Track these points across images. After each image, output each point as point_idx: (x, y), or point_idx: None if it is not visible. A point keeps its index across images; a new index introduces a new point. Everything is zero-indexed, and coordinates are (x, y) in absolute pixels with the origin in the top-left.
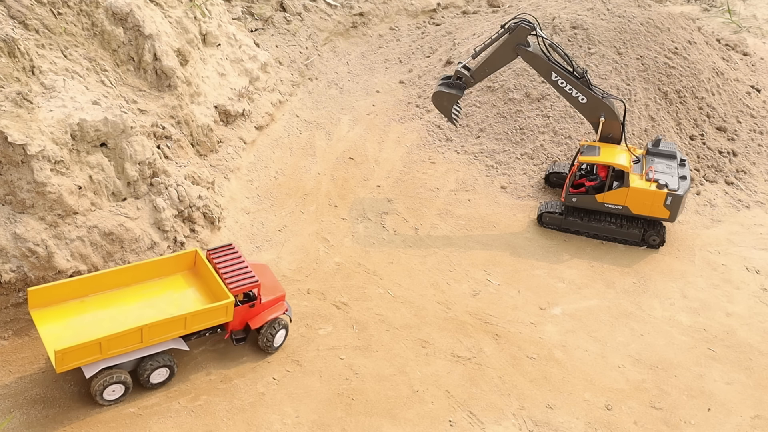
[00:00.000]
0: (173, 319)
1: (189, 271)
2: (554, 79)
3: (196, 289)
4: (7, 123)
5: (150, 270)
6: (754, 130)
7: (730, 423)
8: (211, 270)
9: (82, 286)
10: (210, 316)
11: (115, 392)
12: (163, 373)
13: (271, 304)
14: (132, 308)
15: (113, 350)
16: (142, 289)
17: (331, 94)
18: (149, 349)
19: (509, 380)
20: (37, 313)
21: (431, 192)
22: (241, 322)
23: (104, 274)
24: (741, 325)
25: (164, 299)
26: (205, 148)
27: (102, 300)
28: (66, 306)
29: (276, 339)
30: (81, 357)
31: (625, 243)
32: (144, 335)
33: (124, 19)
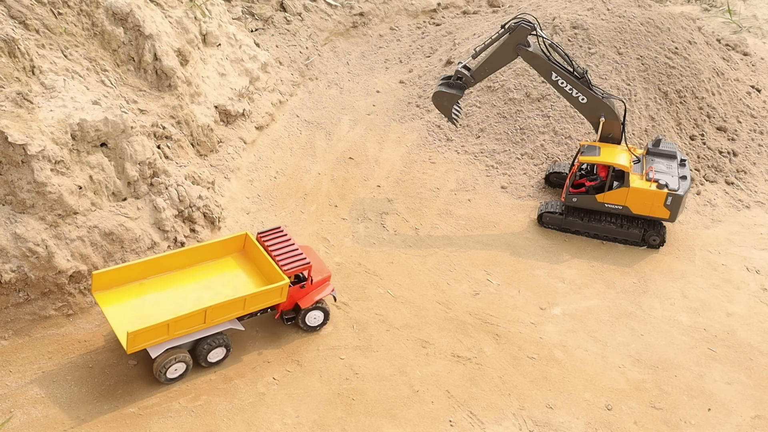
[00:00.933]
0: (234, 300)
1: (239, 253)
2: (554, 79)
3: (247, 271)
4: (7, 123)
5: (204, 253)
6: (754, 130)
7: (730, 423)
8: (261, 251)
9: (142, 269)
10: (266, 297)
11: (177, 371)
12: (220, 352)
13: (319, 284)
14: (189, 290)
15: (179, 331)
16: (196, 271)
17: (331, 94)
18: (209, 329)
19: (509, 380)
20: (100, 295)
21: (431, 192)
22: (292, 302)
23: (162, 257)
24: (741, 325)
25: (218, 280)
26: (206, 148)
27: (160, 282)
28: (127, 288)
29: (312, 319)
30: (150, 338)
31: (626, 243)
32: (207, 316)
33: (125, 19)
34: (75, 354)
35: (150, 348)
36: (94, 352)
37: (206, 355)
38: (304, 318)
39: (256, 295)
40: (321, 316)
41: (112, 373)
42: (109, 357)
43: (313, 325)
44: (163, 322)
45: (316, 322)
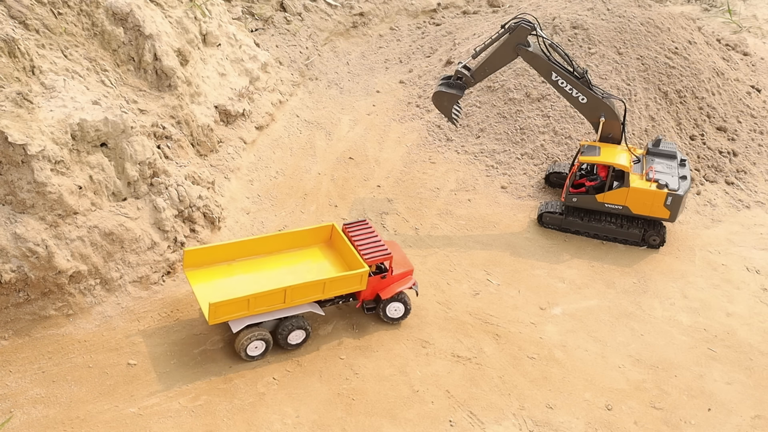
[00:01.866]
0: (313, 283)
1: (325, 244)
2: (554, 79)
3: (332, 260)
4: (7, 123)
5: (291, 240)
6: (754, 130)
7: (730, 423)
8: (346, 242)
9: (231, 251)
10: (346, 283)
11: (257, 349)
12: (300, 335)
13: (401, 277)
14: (274, 273)
15: (259, 308)
16: (283, 257)
17: (331, 94)
18: (289, 310)
19: (509, 380)
20: (190, 272)
21: (431, 192)
22: (372, 292)
23: (251, 240)
24: (741, 325)
25: (303, 267)
26: (206, 148)
27: (247, 265)
28: (216, 268)
29: (393, 311)
30: (230, 312)
31: (626, 243)
32: (287, 296)
33: (125, 19)
34: (75, 354)
35: (231, 323)
36: (94, 352)
37: (286, 336)
38: (384, 309)
39: (336, 279)
40: (402, 309)
41: (112, 373)
42: (109, 357)
43: (394, 317)
44: (244, 297)
45: (396, 314)
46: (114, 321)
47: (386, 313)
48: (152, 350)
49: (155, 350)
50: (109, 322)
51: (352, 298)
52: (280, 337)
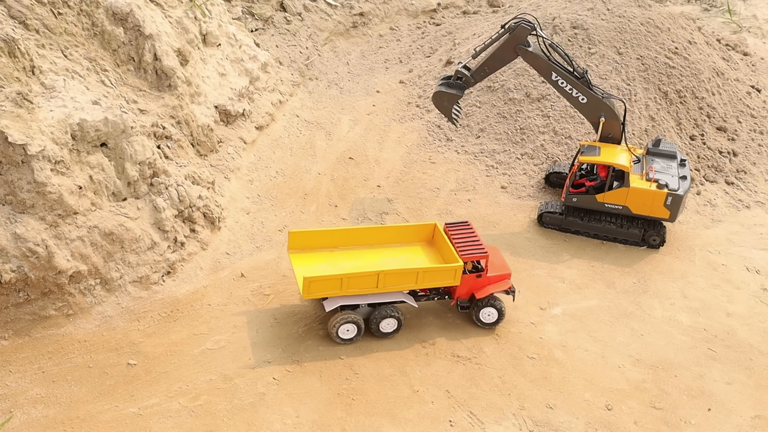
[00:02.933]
0: (406, 270)
1: (426, 242)
2: (554, 79)
3: (431, 257)
4: (7, 123)
5: (394, 234)
6: (754, 130)
7: (730, 423)
8: (446, 241)
9: (334, 238)
10: (439, 276)
11: (349, 332)
12: (392, 324)
13: (497, 279)
14: (373, 264)
15: (352, 289)
16: (384, 250)
17: (331, 94)
18: (382, 296)
19: (509, 380)
20: (293, 254)
21: (431, 192)
22: (468, 291)
23: (355, 229)
24: (741, 325)
25: (401, 261)
26: (206, 148)
27: (348, 253)
28: (318, 253)
29: (486, 315)
30: (324, 289)
31: (626, 243)
32: (380, 281)
33: (125, 19)
34: (75, 354)
35: (325, 302)
36: (94, 352)
37: (378, 322)
38: (478, 312)
39: (430, 270)
40: (495, 315)
41: (112, 373)
42: (109, 357)
43: (486, 322)
44: (337, 276)
45: (489, 318)
46: (114, 321)
47: (479, 317)
48: (152, 350)
49: (155, 350)
50: (109, 322)
51: (448, 296)
52: (372, 323)
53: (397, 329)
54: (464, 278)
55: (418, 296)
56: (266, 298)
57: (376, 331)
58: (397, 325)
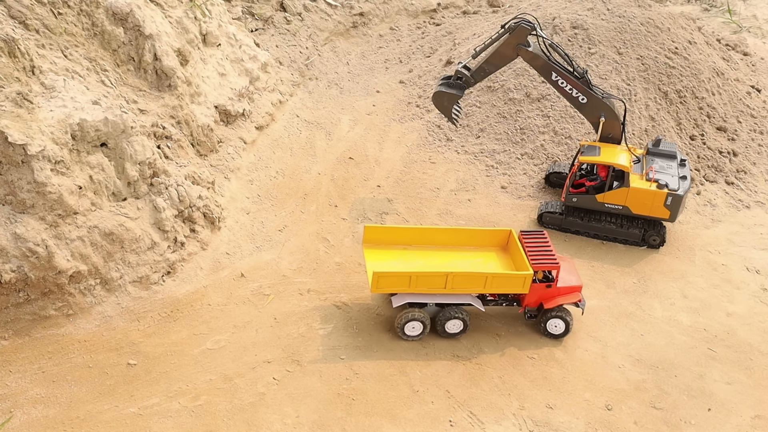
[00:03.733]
0: (475, 274)
1: (500, 248)
2: (554, 79)
3: (502, 263)
4: (7, 123)
5: (469, 237)
6: (754, 130)
7: (730, 423)
8: (519, 248)
9: (408, 235)
10: (509, 282)
11: (414, 329)
12: (458, 325)
13: (567, 291)
14: (444, 264)
15: (420, 288)
16: (457, 252)
17: (331, 94)
18: (450, 298)
19: (509, 380)
20: (367, 248)
21: (431, 192)
22: (536, 300)
23: (429, 229)
24: (741, 325)
25: (473, 264)
26: (206, 148)
27: (421, 252)
28: (391, 249)
29: (552, 326)
30: (392, 285)
31: (626, 243)
32: (448, 282)
33: (125, 19)
34: (75, 354)
35: (393, 298)
36: (94, 352)
37: (444, 323)
38: (545, 322)
39: (499, 276)
40: (562, 326)
41: (112, 373)
42: (109, 357)
43: (552, 333)
44: (406, 273)
45: (556, 330)
46: (114, 321)
47: (546, 328)
48: (152, 350)
49: (155, 350)
50: (109, 322)
51: (516, 303)
52: (438, 323)
53: (462, 331)
54: (534, 287)
55: (487, 300)
56: (266, 298)
57: (442, 331)
58: (462, 327)
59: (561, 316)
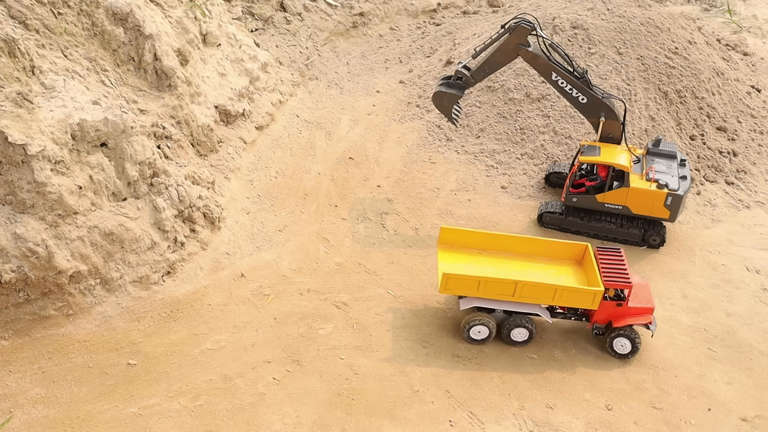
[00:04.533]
0: (545, 285)
1: (576, 262)
2: (554, 79)
3: (576, 278)
4: (7, 123)
5: (544, 248)
6: (754, 130)
7: (730, 423)
8: (593, 264)
9: (484, 240)
10: (578, 297)
11: (480, 333)
12: (524, 334)
13: (638, 312)
14: (516, 273)
15: (488, 293)
16: (531, 262)
17: (331, 94)
18: (518, 306)
19: (509, 380)
20: (441, 249)
21: (431, 192)
22: (606, 318)
23: (505, 236)
24: (741, 325)
25: (545, 275)
26: (206, 148)
27: (495, 258)
28: (465, 253)
29: (619, 345)
30: (460, 288)
31: (626, 243)
32: (516, 290)
33: (125, 19)
34: (75, 354)
35: (461, 301)
36: (94, 352)
37: (510, 330)
38: (612, 340)
39: (569, 290)
40: (628, 346)
41: (112, 373)
42: (109, 357)
43: (618, 352)
44: (475, 277)
45: (622, 349)
46: (114, 321)
47: (612, 346)
48: (152, 350)
49: (155, 350)
50: (109, 322)
51: (585, 318)
52: (504, 329)
53: (528, 340)
54: (604, 304)
55: (556, 312)
56: (266, 298)
57: (507, 338)
58: (528, 336)
59: (628, 336)
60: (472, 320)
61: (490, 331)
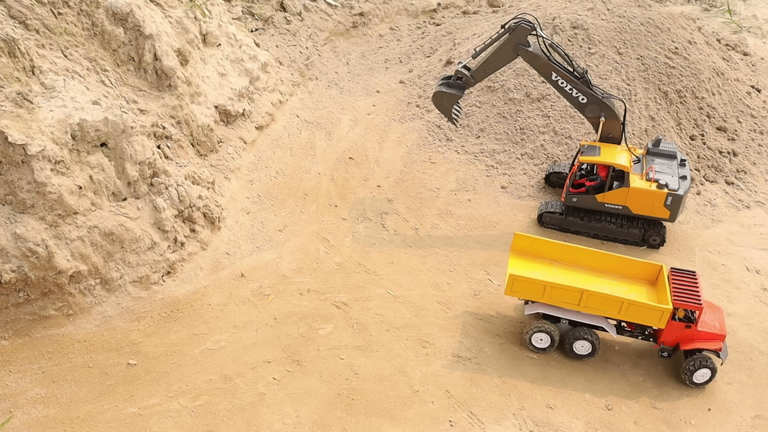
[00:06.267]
0: (611, 297)
1: (649, 282)
2: (554, 79)
3: (648, 296)
4: (7, 123)
5: (619, 264)
6: (754, 130)
7: (730, 423)
8: (666, 284)
9: (557, 251)
10: (645, 313)
11: (542, 341)
12: (586, 347)
13: (708, 336)
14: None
15: (553, 300)
16: (604, 278)
17: (331, 94)
18: (583, 317)
19: (509, 380)
20: (513, 255)
21: (431, 192)
22: (674, 339)
23: (579, 249)
24: (741, 325)
25: (615, 290)
26: (206, 148)
27: (566, 270)
28: (537, 261)
29: (696, 375)
30: (526, 291)
31: (626, 243)
32: (582, 300)
33: (125, 19)
34: (75, 354)
35: (526, 307)
36: (94, 352)
37: (573, 341)
38: (686, 367)
39: (635, 305)
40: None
41: (112, 373)
42: (109, 357)
43: (695, 381)
44: (541, 282)
45: (702, 378)
46: (114, 321)
47: (687, 371)
48: (152, 350)
49: (155, 350)
50: (109, 322)
51: (653, 338)
52: (567, 340)
53: (590, 354)
54: (672, 324)
55: (623, 329)
56: (266, 298)
57: (569, 350)
58: (591, 350)
59: (709, 366)
60: (535, 327)
61: (552, 340)
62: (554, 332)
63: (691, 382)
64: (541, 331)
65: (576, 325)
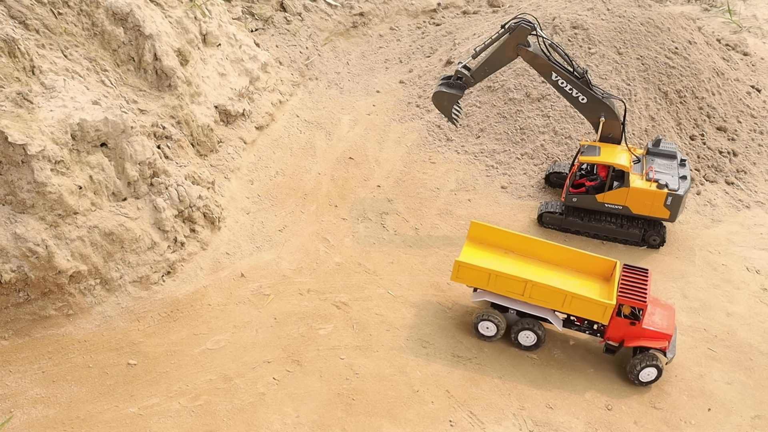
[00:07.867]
0: (555, 289)
1: (603, 278)
2: (554, 79)
3: (599, 292)
4: (7, 123)
5: (574, 259)
6: (754, 130)
7: (730, 423)
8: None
9: (513, 241)
10: (588, 307)
11: (488, 330)
12: (531, 338)
13: (652, 335)
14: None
15: (498, 288)
16: (556, 269)
17: (331, 94)
18: (528, 307)
19: (509, 380)
20: (469, 243)
21: (431, 192)
22: (619, 336)
23: (535, 240)
24: (741, 325)
25: (566, 284)
26: (206, 148)
27: (519, 261)
28: (492, 249)
29: (642, 373)
30: (471, 278)
31: (626, 243)
32: (527, 290)
33: (125, 19)
34: (75, 354)
35: (474, 293)
36: (94, 352)
37: (517, 332)
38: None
39: (579, 298)
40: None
41: (112, 373)
42: (109, 357)
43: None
44: (486, 269)
45: (648, 377)
46: (114, 321)
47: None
48: (152, 350)
49: (155, 350)
50: (109, 322)
51: (599, 334)
52: (512, 330)
53: (535, 345)
54: (616, 321)
55: (572, 323)
56: (266, 298)
57: (514, 340)
58: (535, 341)
59: (653, 364)
60: (481, 314)
61: (497, 329)
62: (500, 322)
63: (637, 381)
64: (487, 320)
65: (523, 315)
